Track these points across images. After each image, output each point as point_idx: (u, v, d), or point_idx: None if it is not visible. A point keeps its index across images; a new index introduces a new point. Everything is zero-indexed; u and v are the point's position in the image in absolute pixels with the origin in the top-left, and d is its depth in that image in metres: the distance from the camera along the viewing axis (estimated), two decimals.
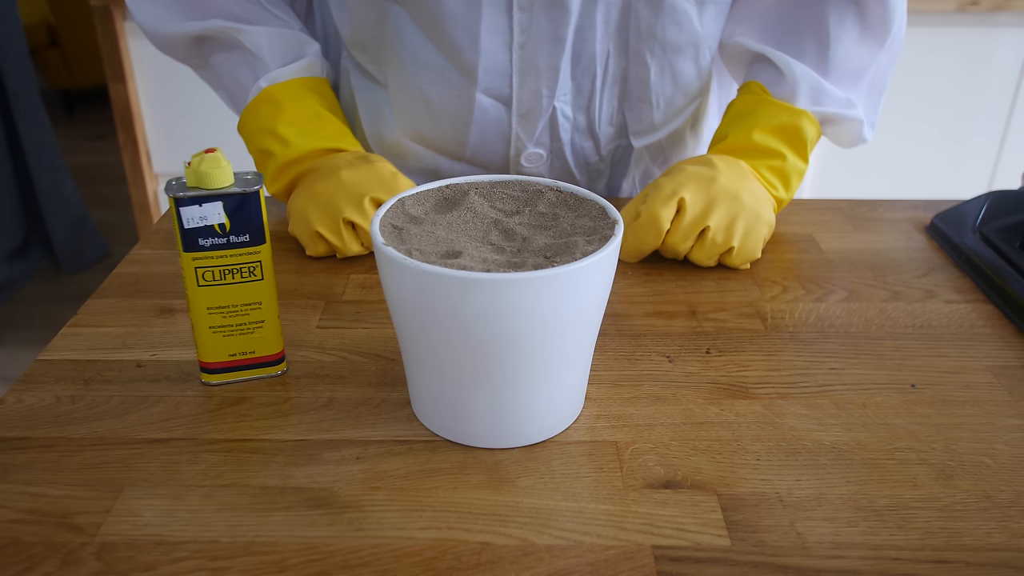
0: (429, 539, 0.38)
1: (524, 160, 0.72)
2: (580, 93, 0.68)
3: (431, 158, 0.73)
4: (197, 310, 0.47)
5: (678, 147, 0.76)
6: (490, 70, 0.66)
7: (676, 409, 0.47)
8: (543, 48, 0.65)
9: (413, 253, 0.41)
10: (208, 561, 0.37)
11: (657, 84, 0.69)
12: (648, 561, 0.37)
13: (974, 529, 0.39)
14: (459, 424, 0.44)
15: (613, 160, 0.75)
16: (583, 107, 0.69)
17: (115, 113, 1.76)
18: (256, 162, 0.69)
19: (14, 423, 0.46)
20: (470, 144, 0.70)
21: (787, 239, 0.68)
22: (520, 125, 0.69)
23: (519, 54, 0.65)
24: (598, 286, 0.41)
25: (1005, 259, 0.61)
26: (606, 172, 0.76)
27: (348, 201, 0.61)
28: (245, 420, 0.46)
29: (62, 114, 3.40)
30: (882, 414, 0.47)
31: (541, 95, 0.67)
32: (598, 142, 0.72)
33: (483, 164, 0.73)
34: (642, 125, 0.71)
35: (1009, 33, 1.70)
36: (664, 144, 0.74)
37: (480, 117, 0.68)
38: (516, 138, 0.70)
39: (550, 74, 0.66)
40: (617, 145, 0.73)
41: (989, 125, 1.80)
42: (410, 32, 0.66)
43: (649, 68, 0.67)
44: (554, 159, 0.72)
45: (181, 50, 0.70)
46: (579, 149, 0.72)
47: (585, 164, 0.74)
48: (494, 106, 0.68)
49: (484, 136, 0.70)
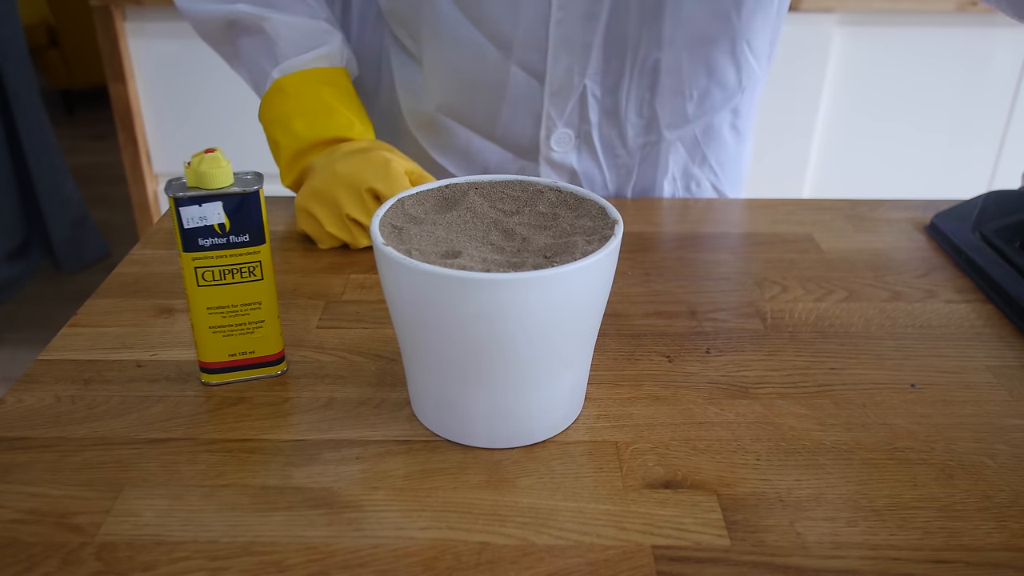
0: (429, 539, 0.38)
1: (554, 142, 0.72)
2: (609, 74, 0.69)
3: (463, 135, 0.73)
4: (197, 310, 0.47)
5: (716, 143, 0.76)
6: (527, 44, 0.67)
7: (676, 409, 0.47)
8: (578, 24, 0.66)
9: (413, 253, 0.41)
10: (208, 561, 0.37)
11: (690, 75, 0.69)
12: (648, 561, 0.37)
13: (974, 529, 0.39)
14: (459, 424, 0.44)
15: (642, 156, 0.75)
16: (611, 89, 0.70)
17: (115, 113, 1.76)
18: (272, 152, 0.70)
19: (14, 423, 0.46)
20: (502, 120, 0.71)
21: (787, 239, 0.68)
22: (551, 102, 0.70)
23: (556, 30, 0.66)
24: (598, 286, 0.41)
25: (1005, 259, 0.61)
26: (635, 169, 0.76)
27: (347, 195, 0.62)
28: (245, 420, 0.46)
29: (62, 114, 3.40)
30: (882, 414, 0.47)
31: (573, 72, 0.68)
32: (624, 130, 0.72)
33: (513, 144, 0.73)
34: (675, 117, 0.72)
35: (1009, 33, 1.70)
36: (700, 139, 0.74)
37: (513, 92, 0.69)
38: (547, 116, 0.70)
39: (583, 51, 0.67)
40: (646, 141, 0.73)
41: (989, 125, 1.80)
42: (447, 5, 0.67)
43: (682, 58, 0.68)
44: (582, 144, 0.73)
45: (215, 33, 0.72)
46: (606, 136, 0.72)
47: (613, 155, 0.74)
48: (528, 81, 0.69)
49: (515, 112, 0.71)
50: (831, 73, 1.72)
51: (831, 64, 1.71)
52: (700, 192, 0.79)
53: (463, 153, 0.75)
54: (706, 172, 0.78)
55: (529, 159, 0.74)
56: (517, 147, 0.73)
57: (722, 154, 0.77)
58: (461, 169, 0.76)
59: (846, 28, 1.68)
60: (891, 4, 1.64)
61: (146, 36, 1.70)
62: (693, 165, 0.76)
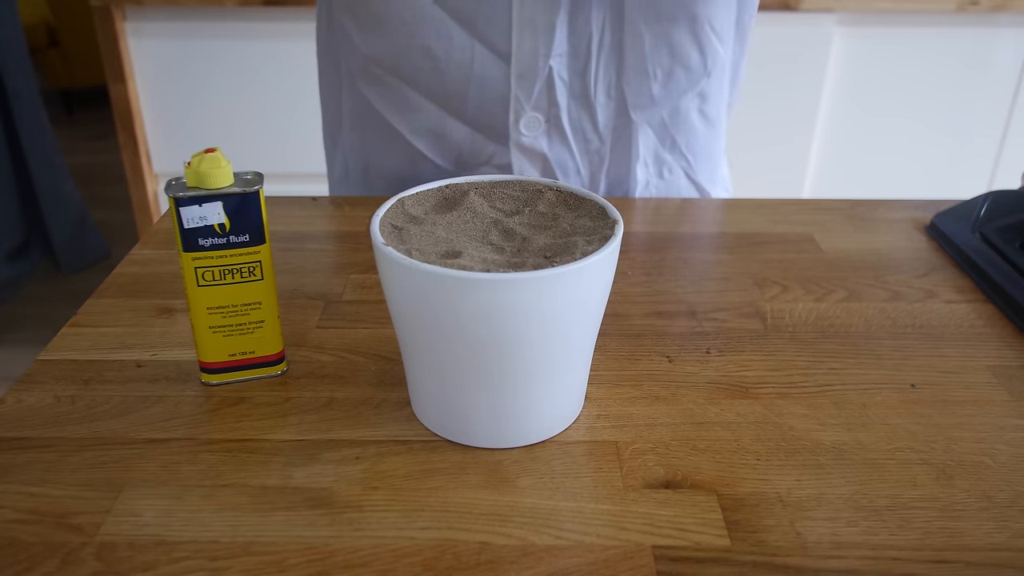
0: (429, 539, 0.38)
1: (523, 126, 0.72)
2: (576, 56, 0.69)
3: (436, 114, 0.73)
4: (197, 310, 0.47)
5: (685, 128, 0.76)
6: (490, 24, 0.67)
7: (676, 409, 0.47)
8: (541, 5, 0.66)
9: (413, 253, 0.41)
10: (208, 561, 0.37)
11: (653, 55, 0.69)
12: (648, 561, 0.37)
13: (974, 529, 0.39)
14: (459, 424, 0.44)
15: (614, 139, 0.75)
16: (579, 72, 0.70)
17: (115, 113, 1.76)
18: None
19: (14, 423, 0.46)
20: (471, 100, 0.71)
21: (787, 239, 0.68)
22: (519, 85, 0.70)
23: (519, 11, 0.66)
24: (598, 286, 0.41)
25: (1005, 259, 0.61)
26: (607, 155, 0.75)
27: None
28: (245, 420, 0.46)
29: (62, 114, 3.40)
30: (882, 414, 0.47)
31: (538, 54, 0.68)
32: (594, 113, 0.72)
33: (485, 126, 0.73)
34: (641, 98, 0.72)
35: (1009, 33, 1.70)
36: (668, 123, 0.74)
37: (480, 72, 0.69)
38: (515, 99, 0.71)
39: (547, 32, 0.67)
40: (616, 124, 0.73)
41: (989, 125, 1.80)
42: None
43: (643, 37, 0.68)
44: (552, 129, 0.73)
45: None
46: (576, 120, 0.73)
47: (584, 139, 0.74)
48: (494, 61, 0.69)
49: (484, 93, 0.71)
50: (831, 73, 1.72)
51: (831, 64, 1.71)
52: (673, 179, 0.79)
53: (436, 134, 0.75)
54: (677, 158, 0.78)
55: (500, 143, 0.74)
56: (489, 130, 0.73)
57: (692, 140, 0.77)
58: (435, 153, 0.75)
59: (846, 28, 1.68)
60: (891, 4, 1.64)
61: (146, 36, 1.70)
62: (664, 150, 0.76)
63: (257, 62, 1.70)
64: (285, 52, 1.68)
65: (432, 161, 0.75)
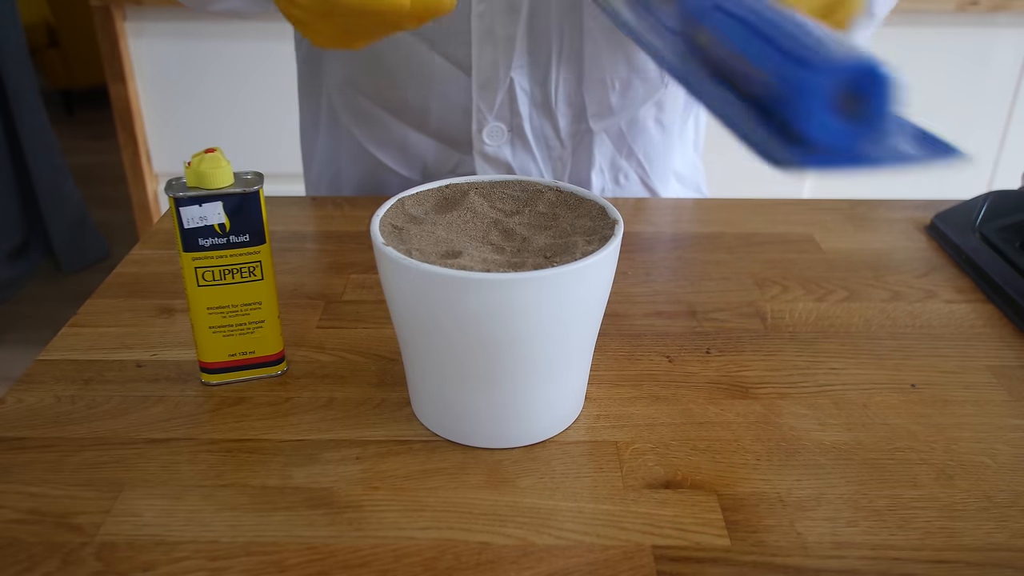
0: (429, 539, 0.38)
1: (486, 136, 0.72)
2: (536, 66, 0.69)
3: (399, 129, 0.74)
4: (197, 310, 0.47)
5: (642, 137, 0.76)
6: (450, 37, 0.67)
7: (676, 409, 0.47)
8: (499, 17, 0.66)
9: (413, 253, 0.41)
10: (208, 561, 0.37)
11: (611, 65, 0.69)
12: (648, 561, 0.37)
13: (974, 529, 0.39)
14: (459, 424, 0.44)
15: (574, 145, 0.75)
16: (540, 81, 0.70)
17: (115, 113, 1.76)
18: None
19: (14, 423, 0.46)
20: (433, 113, 0.71)
21: (787, 239, 0.68)
22: (480, 96, 0.70)
23: (478, 23, 0.66)
24: (598, 286, 0.41)
25: (1005, 259, 0.61)
26: (568, 160, 0.76)
27: None
28: (245, 420, 0.46)
29: (62, 114, 3.40)
30: (882, 414, 0.47)
31: (499, 65, 0.68)
32: (556, 122, 0.72)
33: (448, 137, 0.73)
34: (600, 107, 0.72)
35: (1009, 33, 1.70)
36: (626, 132, 0.74)
37: (441, 85, 0.69)
38: (477, 109, 0.71)
39: (507, 44, 0.67)
40: (577, 129, 0.74)
41: (989, 125, 1.80)
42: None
43: (600, 46, 0.68)
44: (515, 137, 0.73)
45: None
46: (538, 128, 0.73)
47: (547, 146, 0.74)
48: (455, 73, 0.69)
49: (445, 105, 0.71)
50: None
51: None
52: (628, 184, 0.79)
53: (399, 147, 0.75)
54: (633, 165, 0.78)
55: (464, 152, 0.74)
56: (452, 140, 0.73)
57: (648, 148, 0.77)
58: (400, 164, 0.76)
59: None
60: None
61: (146, 36, 1.70)
62: (620, 158, 0.76)
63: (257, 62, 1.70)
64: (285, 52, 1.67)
65: (398, 173, 0.76)
